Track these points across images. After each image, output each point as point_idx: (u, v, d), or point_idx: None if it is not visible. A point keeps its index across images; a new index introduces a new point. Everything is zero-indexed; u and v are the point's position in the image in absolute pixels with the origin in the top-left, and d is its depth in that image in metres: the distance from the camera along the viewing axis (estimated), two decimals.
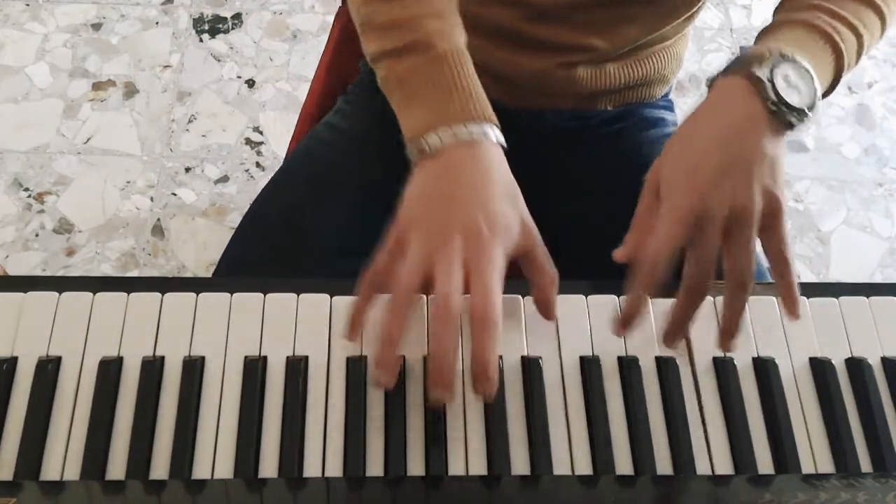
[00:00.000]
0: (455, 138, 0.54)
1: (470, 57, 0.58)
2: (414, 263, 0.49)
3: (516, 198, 0.54)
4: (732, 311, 0.52)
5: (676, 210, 0.51)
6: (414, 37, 0.57)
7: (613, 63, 0.72)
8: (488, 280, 0.48)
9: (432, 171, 0.54)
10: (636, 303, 0.52)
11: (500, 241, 0.50)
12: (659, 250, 0.51)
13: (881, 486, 0.44)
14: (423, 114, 0.55)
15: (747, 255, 0.51)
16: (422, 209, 0.52)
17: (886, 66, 1.83)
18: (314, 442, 0.50)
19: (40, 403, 0.49)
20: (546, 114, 0.76)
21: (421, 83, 0.56)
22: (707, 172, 0.52)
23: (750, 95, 0.53)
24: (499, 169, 0.54)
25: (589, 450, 0.51)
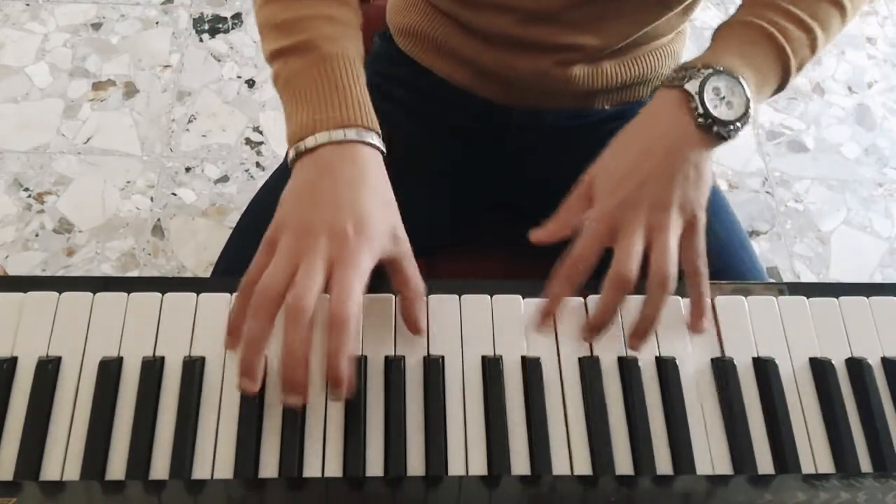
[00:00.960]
0: (330, 138, 0.54)
1: (359, 63, 0.59)
2: (278, 265, 0.49)
3: (389, 204, 0.55)
4: (649, 311, 0.53)
5: (600, 215, 0.54)
6: (301, 38, 0.58)
7: (610, 61, 0.72)
8: (348, 282, 0.48)
9: (307, 172, 0.54)
10: (557, 299, 0.54)
11: (367, 244, 0.51)
12: (582, 251, 0.54)
13: (881, 486, 0.44)
14: (304, 114, 0.56)
15: (664, 259, 0.52)
16: (292, 211, 0.52)
17: (886, 66, 1.83)
18: (314, 442, 0.50)
19: (40, 403, 0.50)
20: (543, 113, 0.76)
21: (304, 84, 0.57)
22: (631, 181, 0.54)
23: (680, 108, 0.55)
24: (374, 173, 0.55)
25: (589, 450, 0.51)
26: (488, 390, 0.52)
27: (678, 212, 0.54)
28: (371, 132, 0.56)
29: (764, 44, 0.58)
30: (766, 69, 0.58)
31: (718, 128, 0.55)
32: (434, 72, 0.77)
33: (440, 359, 0.53)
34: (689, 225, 0.55)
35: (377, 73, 0.81)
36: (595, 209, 0.55)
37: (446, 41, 0.74)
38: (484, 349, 0.54)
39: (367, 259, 0.50)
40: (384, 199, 0.55)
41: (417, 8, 0.75)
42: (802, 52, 0.59)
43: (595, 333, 0.54)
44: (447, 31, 0.73)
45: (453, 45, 0.73)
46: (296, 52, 0.58)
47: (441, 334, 0.54)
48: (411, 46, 0.78)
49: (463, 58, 0.74)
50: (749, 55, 0.57)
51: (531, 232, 0.57)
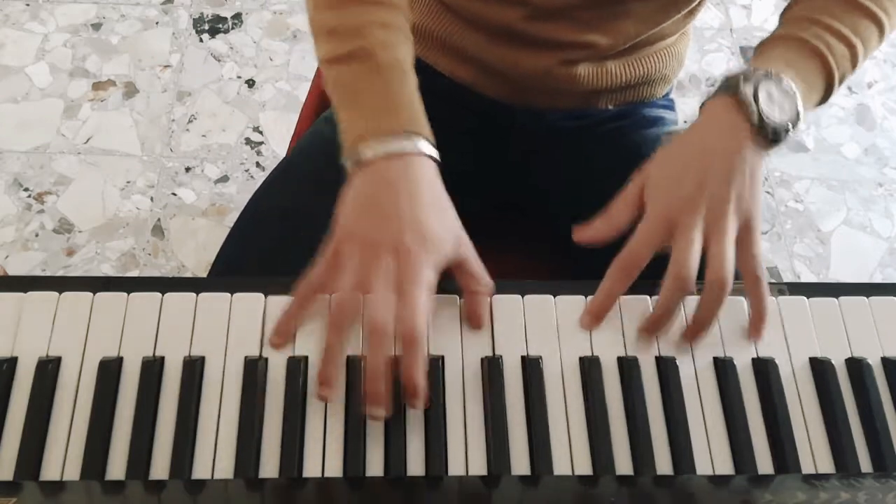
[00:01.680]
0: (386, 150, 0.55)
1: (413, 70, 0.60)
2: (351, 282, 0.52)
3: (446, 210, 0.56)
4: (705, 313, 0.54)
5: (655, 218, 0.55)
6: (356, 44, 0.59)
7: (614, 61, 0.72)
8: (414, 301, 0.50)
9: (365, 182, 0.55)
10: (609, 298, 0.54)
11: (429, 257, 0.52)
12: (635, 252, 0.54)
13: (881, 486, 0.44)
14: (358, 122, 0.57)
15: (721, 263, 0.53)
16: (355, 224, 0.54)
17: (886, 66, 1.83)
18: (314, 442, 0.50)
19: (40, 403, 0.49)
20: (547, 112, 0.76)
21: (359, 91, 0.58)
22: (688, 184, 0.55)
23: (734, 113, 0.56)
24: (429, 182, 0.56)
25: (589, 450, 0.51)
26: (488, 390, 0.52)
27: (735, 214, 0.54)
28: (424, 140, 0.57)
29: (809, 57, 0.58)
30: (812, 80, 0.58)
31: (772, 130, 0.55)
32: (437, 69, 0.77)
33: (440, 359, 0.53)
34: (745, 228, 0.55)
35: None
36: (652, 208, 0.55)
37: (450, 38, 0.73)
38: (484, 349, 0.54)
39: (432, 272, 0.52)
40: (440, 205, 0.56)
41: (421, 4, 0.75)
42: (844, 67, 0.60)
43: (654, 332, 0.54)
44: (452, 28, 0.73)
45: (458, 42, 0.73)
46: (351, 59, 0.59)
47: (441, 334, 0.54)
48: (416, 44, 0.77)
49: (467, 54, 0.73)
50: (795, 66, 0.58)
51: (575, 230, 0.57)
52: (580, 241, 0.57)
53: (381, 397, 0.49)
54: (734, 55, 1.80)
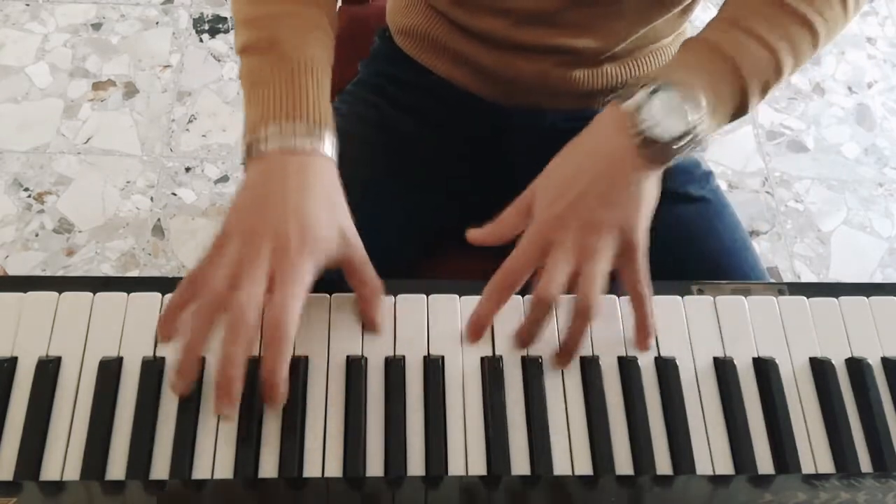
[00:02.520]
0: (283, 145, 0.54)
1: (323, 65, 0.58)
2: (222, 268, 0.50)
3: (338, 206, 0.54)
4: (571, 336, 0.53)
5: (532, 236, 0.54)
6: (266, 35, 0.58)
7: (611, 63, 0.72)
8: (286, 295, 0.49)
9: (256, 175, 0.54)
10: (486, 317, 0.53)
11: (310, 252, 0.51)
12: (510, 272, 0.53)
13: (881, 486, 0.44)
14: (258, 113, 0.55)
15: (589, 287, 0.52)
16: (239, 217, 0.52)
17: (886, 66, 1.83)
18: (314, 442, 0.50)
19: (40, 403, 0.49)
20: (544, 113, 0.76)
21: (263, 82, 0.56)
22: (565, 198, 0.54)
23: (619, 128, 0.54)
24: (322, 177, 0.54)
25: (589, 450, 0.51)
26: (488, 390, 0.52)
27: (611, 234, 0.53)
28: (323, 140, 0.55)
29: (720, 63, 0.56)
30: (722, 88, 0.56)
31: (661, 146, 0.53)
32: (435, 72, 0.77)
33: (440, 359, 0.53)
34: (626, 246, 0.53)
35: (377, 73, 0.81)
36: (532, 223, 0.55)
37: (447, 42, 0.74)
38: (484, 349, 0.54)
39: (310, 267, 0.51)
40: (332, 202, 0.54)
41: (418, 8, 0.75)
42: (765, 74, 0.57)
43: (520, 346, 0.54)
44: (447, 32, 0.73)
45: (454, 46, 0.73)
46: (260, 49, 0.58)
47: (441, 334, 0.54)
48: (412, 46, 0.78)
49: (463, 58, 0.74)
50: (704, 73, 0.56)
51: (469, 231, 0.57)
52: (472, 241, 0.57)
53: (233, 394, 0.47)
54: None
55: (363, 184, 0.74)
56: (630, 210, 0.54)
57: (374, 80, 0.81)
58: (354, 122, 0.78)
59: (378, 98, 0.79)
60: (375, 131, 0.77)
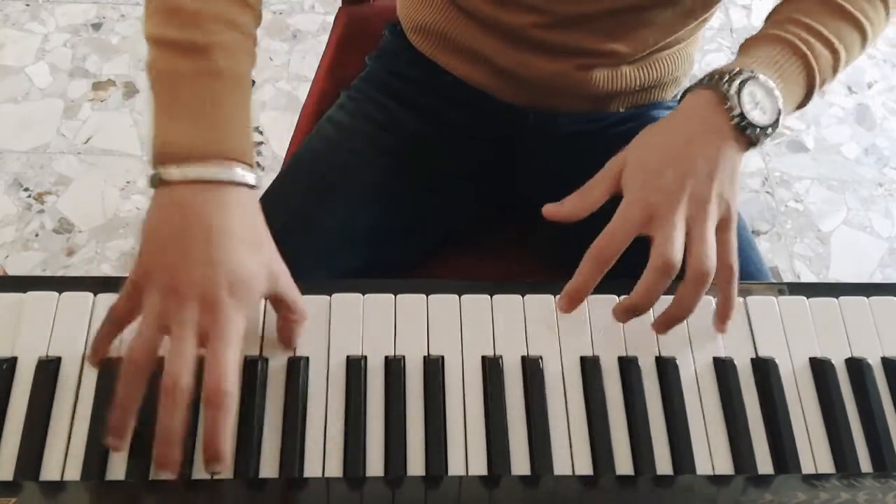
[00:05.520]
0: (197, 175, 0.50)
1: (249, 80, 0.55)
2: (147, 329, 0.47)
3: (261, 245, 0.52)
4: (684, 302, 0.52)
5: (634, 204, 0.53)
6: (196, 38, 0.53)
7: (629, 66, 0.72)
8: (222, 357, 0.46)
9: (169, 208, 0.50)
10: (586, 282, 0.53)
11: (240, 304, 0.48)
12: (612, 237, 0.53)
13: (881, 486, 0.44)
14: (172, 132, 0.52)
15: (704, 252, 0.52)
16: (159, 261, 0.49)
17: (886, 66, 1.83)
18: (314, 442, 0.50)
19: (40, 403, 0.49)
20: (559, 115, 0.75)
21: (181, 93, 0.52)
22: (669, 175, 0.54)
23: (716, 109, 0.55)
24: (243, 216, 0.51)
25: (589, 450, 0.51)
26: (488, 390, 0.52)
27: (716, 205, 0.54)
28: (243, 167, 0.52)
29: (793, 58, 0.58)
30: (793, 82, 0.58)
31: (752, 131, 0.55)
32: (450, 71, 0.76)
33: (440, 359, 0.53)
34: (724, 220, 0.54)
35: (388, 72, 0.80)
36: (630, 194, 0.54)
37: (465, 40, 0.73)
38: (484, 349, 0.54)
39: (241, 320, 0.49)
40: (255, 241, 0.51)
41: (435, 5, 0.74)
42: (826, 72, 0.59)
43: (631, 315, 0.53)
44: (466, 30, 0.72)
45: (472, 44, 0.73)
46: (186, 51, 0.53)
47: (441, 334, 0.54)
48: (427, 44, 0.77)
49: (482, 57, 0.73)
50: (779, 66, 0.57)
51: (546, 206, 0.56)
52: (550, 216, 0.56)
53: (174, 463, 0.45)
54: (734, 55, 1.79)
55: (369, 185, 0.74)
56: (729, 185, 0.55)
57: (385, 77, 0.80)
58: (362, 121, 0.77)
59: (387, 98, 0.78)
60: (383, 131, 0.77)
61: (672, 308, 0.53)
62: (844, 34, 0.59)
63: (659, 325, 0.54)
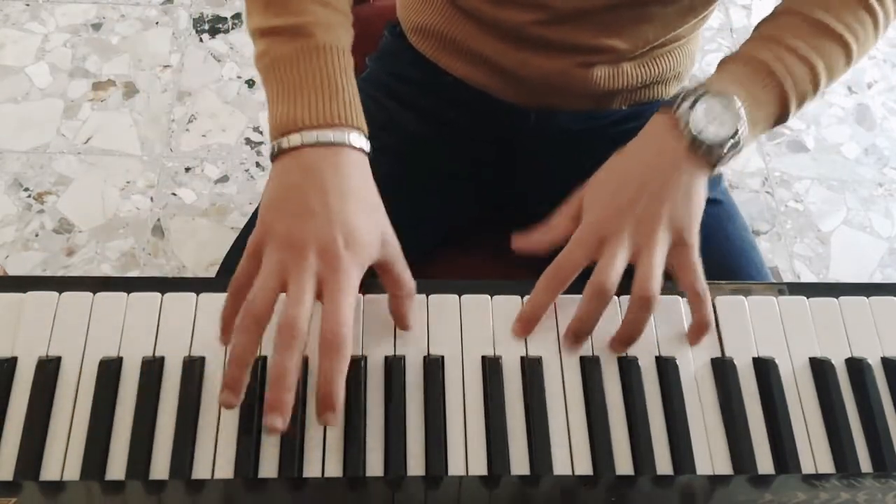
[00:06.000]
0: (316, 139, 0.52)
1: (350, 54, 0.57)
2: (266, 280, 0.49)
3: (376, 208, 0.54)
4: (631, 323, 0.53)
5: (585, 230, 0.55)
6: (294, 20, 0.56)
7: (630, 62, 0.72)
8: (339, 304, 0.48)
9: (290, 173, 0.53)
10: (538, 308, 0.54)
11: (356, 258, 0.50)
12: (563, 264, 0.54)
13: (881, 486, 0.44)
14: (290, 107, 0.54)
15: (648, 278, 0.53)
16: (278, 218, 0.51)
17: (886, 66, 1.83)
18: (314, 442, 0.50)
19: (40, 403, 0.49)
20: (559, 115, 0.75)
21: (293, 73, 0.55)
22: (620, 199, 0.55)
23: (671, 130, 0.56)
24: (360, 177, 0.53)
25: (589, 450, 0.51)
26: (488, 390, 0.52)
27: (666, 229, 0.54)
28: (358, 133, 0.55)
29: (761, 75, 0.58)
30: (763, 98, 0.58)
31: (707, 148, 0.55)
32: (450, 72, 0.76)
33: (440, 359, 0.53)
34: (680, 243, 0.55)
35: (388, 73, 0.80)
36: (585, 219, 0.56)
37: (465, 40, 0.73)
38: (484, 349, 0.54)
39: (357, 274, 0.50)
40: (371, 205, 0.53)
41: (434, 6, 0.74)
42: (804, 87, 0.59)
43: (574, 341, 0.54)
44: (466, 30, 0.72)
45: (472, 44, 0.73)
46: (287, 34, 0.56)
47: (441, 334, 0.54)
48: (426, 45, 0.77)
49: (482, 57, 0.73)
50: (746, 84, 0.58)
51: (514, 237, 0.58)
52: (518, 249, 0.58)
53: (285, 405, 0.46)
54: None
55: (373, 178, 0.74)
56: (682, 207, 0.55)
57: (384, 78, 0.80)
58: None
59: (387, 98, 0.78)
60: (383, 132, 0.76)
61: (621, 331, 0.54)
62: (826, 50, 0.60)
63: (615, 345, 0.54)
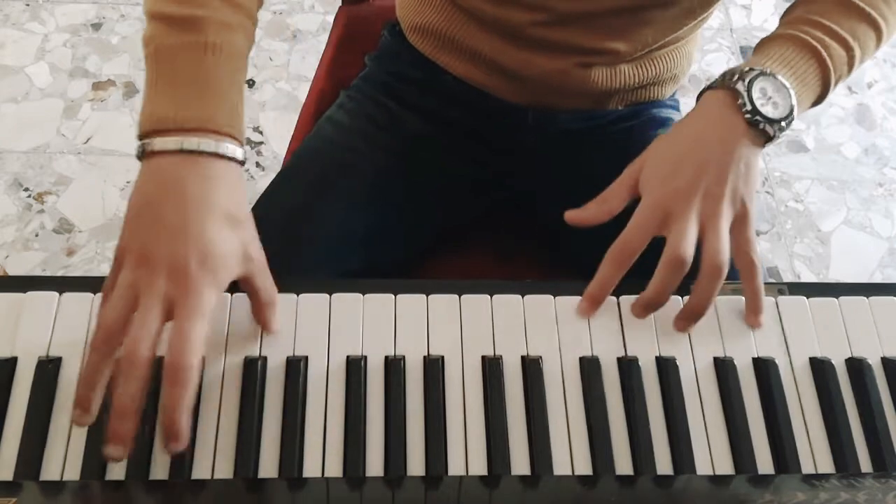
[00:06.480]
0: (182, 145, 0.50)
1: (245, 58, 0.55)
2: (118, 300, 0.47)
3: (240, 222, 0.51)
4: (701, 297, 0.53)
5: (650, 206, 0.55)
6: (189, 12, 0.53)
7: (628, 64, 0.72)
8: (187, 329, 0.46)
9: (153, 181, 0.50)
10: (606, 284, 0.54)
11: (210, 278, 0.48)
12: (629, 239, 0.54)
13: (881, 486, 0.44)
14: (161, 104, 0.51)
15: (717, 247, 0.53)
16: (135, 231, 0.49)
17: (886, 66, 1.83)
18: (314, 442, 0.50)
19: (40, 403, 0.49)
20: (557, 114, 0.76)
21: (176, 66, 0.52)
22: (683, 174, 0.55)
23: (729, 106, 0.57)
24: (226, 190, 0.51)
25: (589, 450, 0.51)
26: (488, 390, 0.52)
27: (730, 205, 0.55)
28: (232, 142, 0.52)
29: (807, 56, 0.59)
30: (808, 79, 0.59)
31: (765, 125, 0.56)
32: (449, 71, 0.76)
33: (440, 359, 0.53)
34: (740, 216, 0.55)
35: (388, 72, 0.80)
36: (647, 196, 0.56)
37: (464, 39, 0.73)
38: (484, 349, 0.54)
39: (211, 295, 0.48)
40: (234, 219, 0.51)
41: (434, 5, 0.74)
42: (841, 69, 0.60)
43: (649, 310, 0.54)
44: (466, 29, 0.72)
45: (472, 43, 0.73)
46: (178, 25, 0.53)
47: (441, 334, 0.54)
48: (426, 45, 0.77)
49: (481, 56, 0.73)
50: (792, 64, 0.58)
51: (567, 212, 0.57)
52: (572, 222, 0.57)
53: (125, 438, 0.44)
54: (734, 55, 1.80)
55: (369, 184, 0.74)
56: (743, 181, 0.55)
57: (384, 78, 0.80)
58: (362, 121, 0.77)
59: (386, 98, 0.78)
60: (383, 131, 0.77)
61: (690, 302, 0.54)
62: (859, 32, 0.60)
63: (679, 322, 0.55)
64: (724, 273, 0.53)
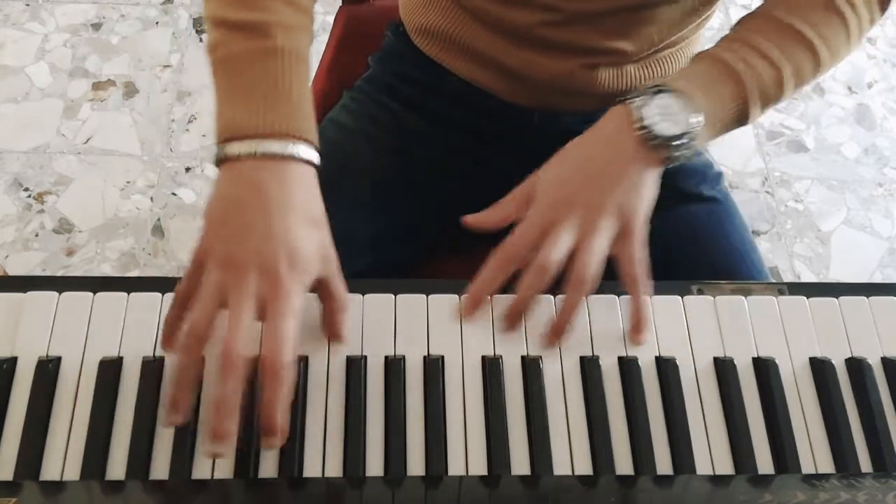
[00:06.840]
0: (261, 149, 0.51)
1: (308, 60, 0.56)
2: (206, 300, 0.47)
3: (320, 224, 0.52)
4: (564, 311, 0.53)
5: (534, 216, 0.55)
6: (256, 17, 0.53)
7: (634, 64, 0.72)
8: (281, 327, 0.47)
9: (233, 185, 0.51)
10: (484, 289, 0.54)
11: (298, 278, 0.49)
12: (510, 248, 0.54)
13: (881, 486, 0.44)
14: (236, 110, 0.52)
15: (586, 261, 0.53)
16: (219, 234, 0.50)
17: (886, 66, 1.83)
18: (314, 442, 0.50)
19: (40, 403, 0.49)
20: (564, 115, 0.76)
21: (244, 72, 0.53)
22: (571, 184, 0.56)
23: (623, 122, 0.57)
24: (305, 192, 0.52)
25: (589, 450, 0.51)
26: (488, 390, 0.52)
27: (611, 218, 0.55)
28: (307, 145, 0.53)
29: (723, 76, 0.59)
30: (724, 99, 0.59)
31: (657, 144, 0.55)
32: (455, 73, 0.76)
33: (440, 359, 0.53)
34: (623, 232, 0.55)
35: (392, 74, 0.80)
36: (534, 206, 0.56)
37: (470, 41, 0.73)
38: (484, 349, 0.54)
39: (300, 294, 0.49)
40: (314, 220, 0.52)
41: (439, 6, 0.74)
42: (766, 90, 0.60)
43: (515, 318, 0.54)
44: (472, 31, 0.72)
45: (477, 45, 0.72)
46: (246, 30, 0.53)
47: (441, 334, 0.54)
48: (431, 46, 0.77)
49: (487, 58, 0.73)
50: (707, 83, 0.58)
51: (466, 216, 0.58)
52: (469, 226, 0.58)
53: (230, 435, 0.45)
54: None
55: (372, 185, 0.73)
56: (630, 197, 0.55)
57: (387, 79, 0.80)
58: (366, 122, 0.77)
59: (390, 99, 0.78)
60: (387, 133, 0.76)
61: (556, 318, 0.54)
62: (795, 55, 0.60)
63: (550, 337, 0.54)
64: (587, 286, 0.53)
